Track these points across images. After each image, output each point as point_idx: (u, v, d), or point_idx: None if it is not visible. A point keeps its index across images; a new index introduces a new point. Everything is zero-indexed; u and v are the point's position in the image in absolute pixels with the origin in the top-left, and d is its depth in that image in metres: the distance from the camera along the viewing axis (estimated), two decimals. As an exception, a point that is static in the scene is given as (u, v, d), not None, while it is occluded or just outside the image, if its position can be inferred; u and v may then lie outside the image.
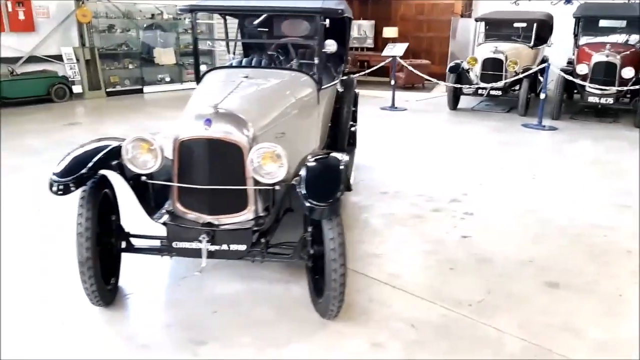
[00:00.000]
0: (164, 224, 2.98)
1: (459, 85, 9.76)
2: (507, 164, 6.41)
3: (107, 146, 3.02)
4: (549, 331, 2.92)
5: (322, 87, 4.13)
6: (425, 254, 3.86)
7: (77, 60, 10.77)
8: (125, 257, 3.23)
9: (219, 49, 13.24)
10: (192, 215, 3.00)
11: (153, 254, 3.13)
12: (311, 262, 3.03)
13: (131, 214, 3.24)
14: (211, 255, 2.93)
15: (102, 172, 2.95)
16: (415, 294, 3.28)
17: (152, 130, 7.95)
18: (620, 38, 9.76)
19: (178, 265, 3.55)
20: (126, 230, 3.17)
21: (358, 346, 2.78)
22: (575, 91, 9.74)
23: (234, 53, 5.30)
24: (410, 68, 10.57)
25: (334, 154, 2.99)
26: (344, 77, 5.16)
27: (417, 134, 8.20)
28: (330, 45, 3.97)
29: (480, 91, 9.78)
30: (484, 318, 3.05)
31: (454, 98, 10.16)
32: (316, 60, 4.02)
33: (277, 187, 2.94)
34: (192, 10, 4.16)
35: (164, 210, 3.09)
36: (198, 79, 4.09)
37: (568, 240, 4.19)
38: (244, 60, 4.83)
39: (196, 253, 2.93)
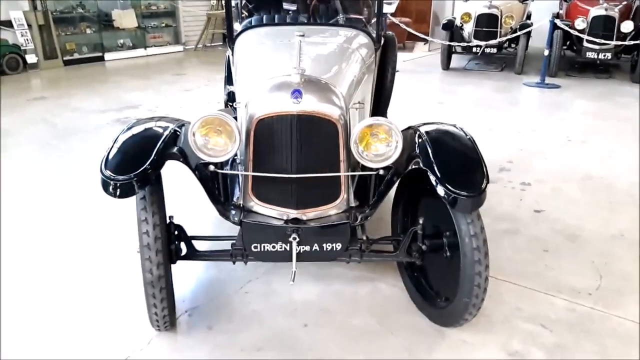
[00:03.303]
0: (240, 222, 2.37)
1: (455, 44, 9.28)
2: (534, 126, 6.05)
3: (166, 128, 2.35)
4: (691, 320, 2.57)
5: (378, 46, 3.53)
6: (508, 235, 3.42)
7: (29, 25, 9.49)
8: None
9: (186, 6, 12.18)
10: (273, 210, 2.39)
11: (223, 259, 2.52)
12: (421, 260, 2.51)
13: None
14: (300, 257, 2.36)
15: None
16: (524, 285, 2.84)
17: (132, 103, 7.10)
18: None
19: (231, 268, 2.93)
20: (184, 229, 2.52)
21: (494, 357, 2.33)
22: (565, 47, 9.48)
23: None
24: (404, 26, 9.95)
25: (451, 125, 2.44)
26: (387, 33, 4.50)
27: (421, 97, 7.70)
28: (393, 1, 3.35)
29: (474, 49, 9.35)
30: (613, 309, 2.66)
31: (448, 57, 9.69)
32: (374, 15, 3.39)
33: (381, 172, 2.37)
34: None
35: (231, 206, 2.47)
36: (232, 39, 3.37)
37: (646, 208, 3.87)
38: (275, 17, 4.09)
39: (282, 256, 2.36)
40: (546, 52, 8.43)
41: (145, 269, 2.17)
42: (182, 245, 2.49)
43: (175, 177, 2.84)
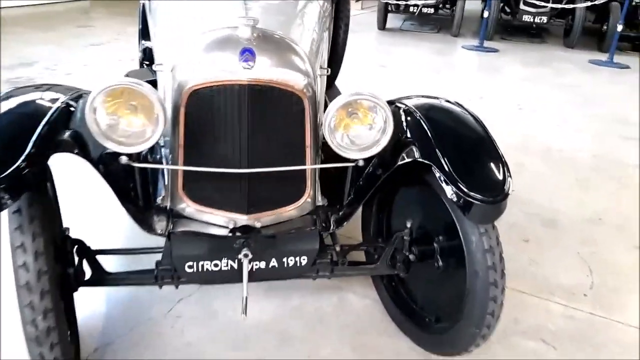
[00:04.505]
0: (168, 234, 1.70)
1: (392, 2, 8.72)
2: (481, 92, 5.70)
3: (53, 102, 1.60)
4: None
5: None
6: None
7: None
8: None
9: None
10: (214, 215, 1.75)
11: (145, 283, 1.84)
12: (406, 272, 1.98)
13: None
14: (253, 277, 1.75)
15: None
16: (514, 287, 2.41)
17: (28, 59, 5.94)
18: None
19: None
20: (86, 244, 1.81)
21: (498, 390, 1.89)
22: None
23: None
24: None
25: (447, 101, 1.88)
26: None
27: (360, 59, 7.10)
28: None
29: (412, 8, 8.86)
30: (613, 313, 2.31)
31: (384, 16, 9.14)
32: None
33: (360, 163, 1.78)
34: None
35: (153, 211, 1.79)
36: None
37: (615, 184, 3.60)
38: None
39: (228, 277, 1.75)
40: (485, 14, 8.11)
41: (26, 320, 1.45)
42: (85, 265, 1.79)
43: (71, 162, 2.07)
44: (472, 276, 1.65)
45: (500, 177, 1.58)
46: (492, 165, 1.62)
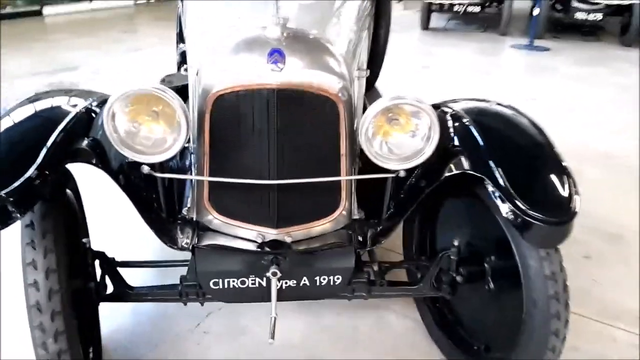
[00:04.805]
0: (192, 248, 1.58)
1: (436, 1, 8.45)
2: (533, 94, 5.39)
3: (72, 108, 1.51)
4: None
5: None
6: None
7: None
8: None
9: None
10: (241, 229, 1.61)
11: (170, 300, 1.74)
12: (452, 294, 1.79)
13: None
14: (283, 296, 1.60)
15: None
16: (573, 310, 2.16)
17: (70, 64, 6.05)
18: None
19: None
20: (110, 256, 1.71)
21: None
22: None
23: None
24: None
25: (501, 105, 1.68)
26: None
27: (403, 60, 6.88)
28: None
29: (456, 7, 8.56)
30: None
31: (427, 16, 8.87)
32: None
33: (401, 173, 1.61)
34: None
35: (178, 222, 1.67)
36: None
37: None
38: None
39: (256, 295, 1.62)
40: (536, 12, 7.71)
41: (37, 342, 1.36)
42: (107, 279, 1.70)
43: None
44: (530, 305, 1.45)
45: (566, 193, 1.37)
46: (556, 178, 1.41)
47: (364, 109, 1.78)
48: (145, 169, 1.50)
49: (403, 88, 5.29)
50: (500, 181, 1.37)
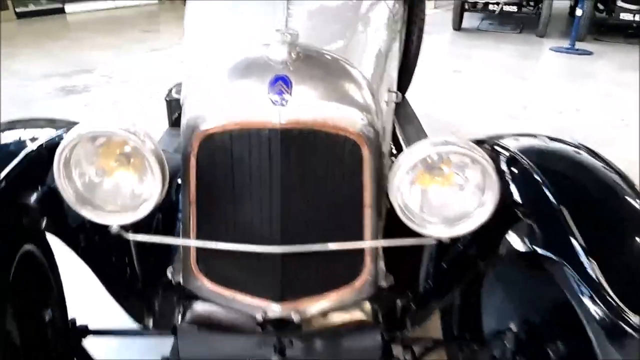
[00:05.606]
0: (174, 329, 1.25)
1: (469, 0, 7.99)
2: (577, 104, 4.92)
3: (12, 156, 1.19)
4: None
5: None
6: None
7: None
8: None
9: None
10: (238, 301, 1.27)
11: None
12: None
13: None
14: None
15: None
16: None
17: (87, 66, 5.82)
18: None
19: None
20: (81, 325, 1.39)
21: None
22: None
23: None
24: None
25: (577, 147, 1.29)
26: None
27: (433, 63, 6.42)
28: None
29: (491, 7, 8.08)
30: None
31: (460, 15, 8.40)
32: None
33: (444, 240, 1.23)
34: None
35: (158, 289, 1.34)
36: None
37: None
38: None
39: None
40: (578, 12, 7.17)
41: None
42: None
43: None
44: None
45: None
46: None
47: (393, 135, 1.42)
48: (114, 228, 1.17)
49: (432, 96, 4.89)
50: (589, 270, 0.98)
